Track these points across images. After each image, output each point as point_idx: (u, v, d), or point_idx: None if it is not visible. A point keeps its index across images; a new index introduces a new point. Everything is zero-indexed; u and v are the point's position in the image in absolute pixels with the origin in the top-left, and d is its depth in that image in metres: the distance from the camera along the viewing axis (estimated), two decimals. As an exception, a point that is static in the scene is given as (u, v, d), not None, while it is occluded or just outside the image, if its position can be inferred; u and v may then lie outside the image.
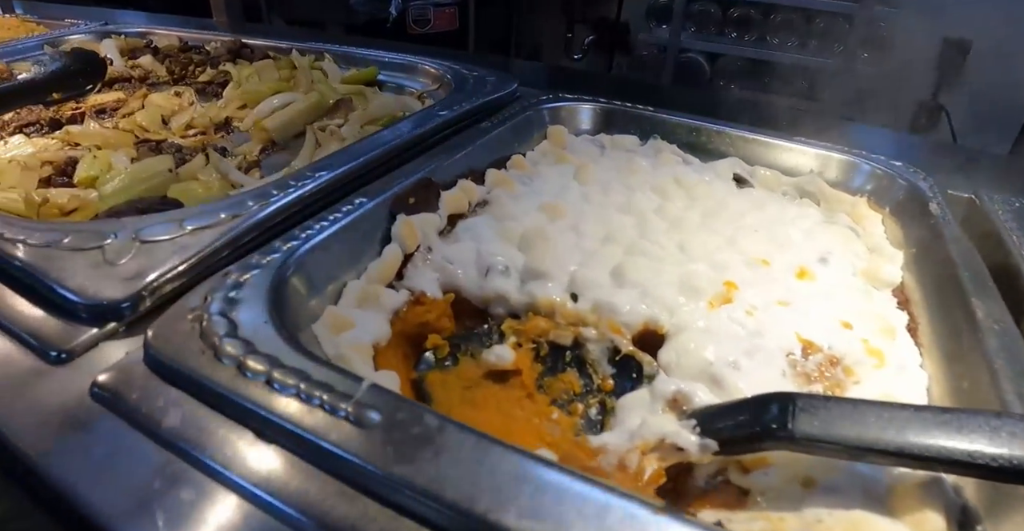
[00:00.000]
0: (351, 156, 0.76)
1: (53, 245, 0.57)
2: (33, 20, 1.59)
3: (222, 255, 0.59)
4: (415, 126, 0.86)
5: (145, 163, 0.78)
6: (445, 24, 3.34)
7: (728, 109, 1.06)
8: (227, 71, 1.20)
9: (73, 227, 0.61)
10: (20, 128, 1.01)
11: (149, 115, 0.97)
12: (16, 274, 0.56)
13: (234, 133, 0.99)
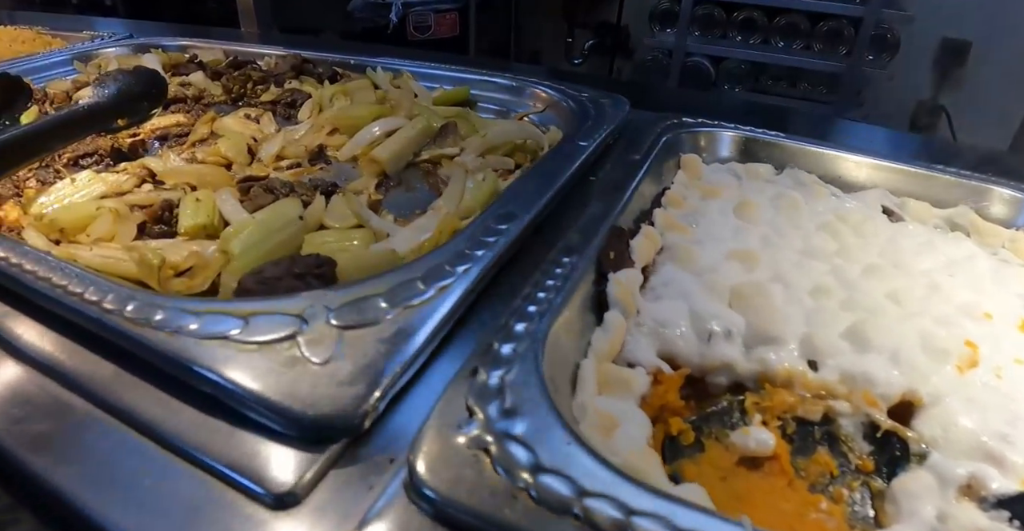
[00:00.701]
0: (526, 200, 0.63)
1: (222, 336, 0.43)
2: (47, 32, 1.40)
3: (439, 339, 0.46)
4: (566, 160, 0.73)
5: (274, 210, 0.63)
6: (446, 30, 3.19)
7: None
8: (296, 90, 1.04)
9: (235, 307, 0.46)
10: (76, 160, 0.84)
11: (234, 144, 0.81)
12: (188, 380, 0.41)
13: (333, 165, 0.84)
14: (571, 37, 3.41)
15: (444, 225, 0.65)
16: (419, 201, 0.76)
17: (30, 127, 0.71)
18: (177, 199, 0.68)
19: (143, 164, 0.78)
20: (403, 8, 3.06)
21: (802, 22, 2.83)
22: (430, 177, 0.82)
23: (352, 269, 0.56)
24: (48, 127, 0.72)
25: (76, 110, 0.77)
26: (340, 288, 0.49)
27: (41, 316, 0.50)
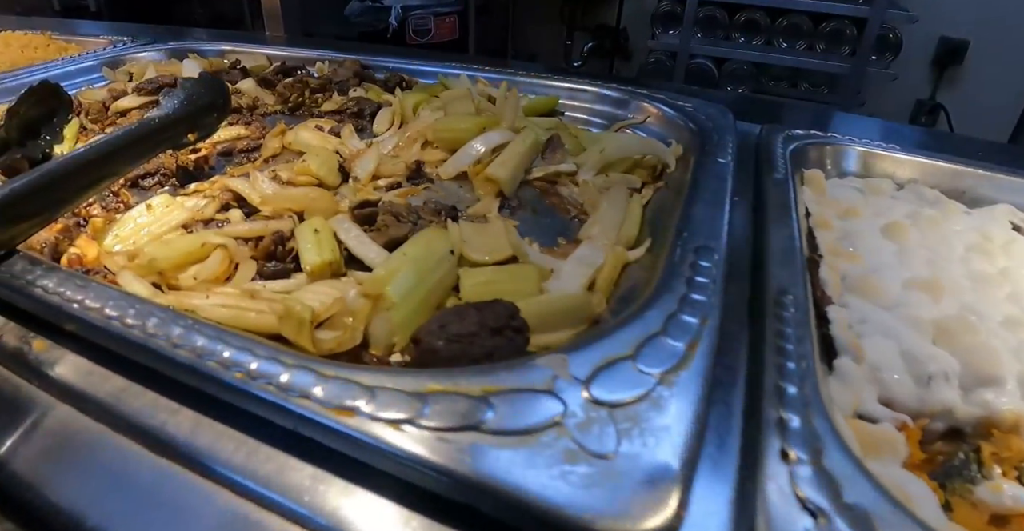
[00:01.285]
0: (706, 227, 0.53)
1: (472, 426, 0.32)
2: (60, 38, 1.25)
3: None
4: (718, 180, 0.63)
5: (425, 244, 0.51)
6: (446, 33, 3.06)
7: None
8: (362, 99, 0.92)
9: (462, 383, 0.35)
10: (135, 181, 0.72)
11: (324, 162, 0.69)
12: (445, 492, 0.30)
13: (437, 184, 0.72)
14: (570, 40, 3.31)
15: (616, 259, 0.54)
16: (554, 226, 0.65)
17: (99, 145, 0.58)
18: (289, 230, 0.56)
19: (225, 185, 0.65)
20: (402, 12, 2.93)
21: (804, 23, 2.78)
22: (550, 197, 0.71)
23: (537, 317, 0.45)
24: (119, 144, 0.59)
25: (147, 124, 0.64)
26: (574, 350, 0.38)
27: (178, 393, 0.39)
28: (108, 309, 0.41)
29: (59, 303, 0.42)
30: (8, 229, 0.49)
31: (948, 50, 2.81)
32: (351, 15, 2.97)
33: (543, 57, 3.53)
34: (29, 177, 0.51)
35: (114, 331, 0.39)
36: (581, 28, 3.32)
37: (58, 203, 0.53)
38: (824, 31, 2.76)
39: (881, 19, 2.51)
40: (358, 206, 0.59)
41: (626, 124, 0.87)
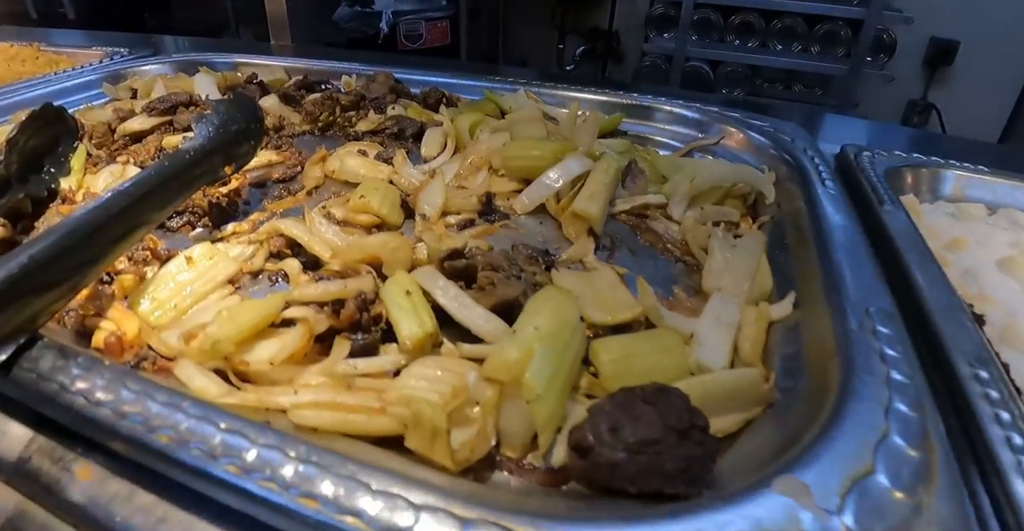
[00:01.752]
0: (861, 280, 0.44)
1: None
2: (49, 50, 1.11)
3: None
4: (842, 215, 0.54)
5: (553, 312, 0.40)
6: (438, 38, 2.95)
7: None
8: (402, 117, 0.81)
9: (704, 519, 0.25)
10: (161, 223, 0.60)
11: (386, 196, 0.58)
12: None
13: (512, 219, 0.62)
14: (562, 43, 3.22)
15: (760, 319, 0.45)
16: (660, 271, 0.55)
17: (129, 188, 0.46)
18: (372, 291, 0.45)
19: (276, 230, 0.54)
20: (393, 17, 2.81)
21: (799, 25, 2.72)
22: (643, 234, 0.61)
23: (701, 402, 0.35)
24: (153, 186, 0.48)
25: (181, 159, 0.52)
26: (796, 464, 0.29)
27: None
28: (184, 426, 0.30)
29: (110, 420, 0.31)
30: (28, 307, 0.37)
31: (939, 50, 2.77)
32: (340, 20, 2.84)
33: (534, 61, 3.43)
34: (50, 239, 0.39)
35: (203, 468, 0.28)
36: (572, 31, 3.22)
37: (86, 266, 0.42)
38: (818, 33, 2.71)
39: (877, 21, 2.46)
40: (448, 257, 0.49)
41: (698, 145, 0.77)
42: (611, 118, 0.80)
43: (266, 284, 0.52)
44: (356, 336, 0.43)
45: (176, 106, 0.79)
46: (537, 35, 3.34)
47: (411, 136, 0.80)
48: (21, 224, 0.58)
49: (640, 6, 3.15)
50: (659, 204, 0.63)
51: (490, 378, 0.38)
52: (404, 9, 2.84)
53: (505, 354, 0.37)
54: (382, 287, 0.45)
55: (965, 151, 0.80)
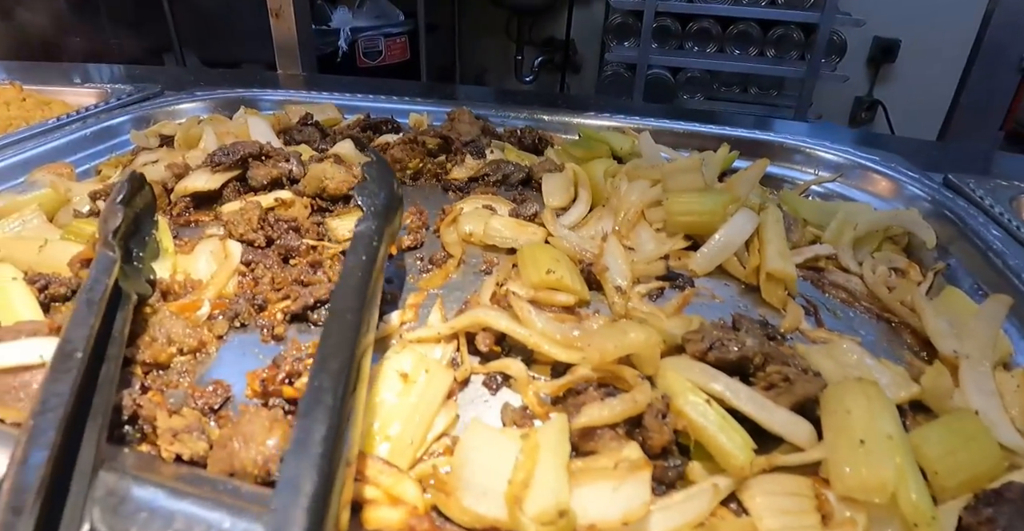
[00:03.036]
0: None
1: None
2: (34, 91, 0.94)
3: None
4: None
5: (863, 406, 0.33)
6: (397, 55, 2.83)
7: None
8: (503, 162, 0.72)
9: None
10: (301, 313, 0.49)
11: (572, 269, 0.49)
12: None
13: (698, 283, 0.54)
14: (520, 55, 3.15)
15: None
16: (876, 335, 0.50)
17: (344, 310, 0.36)
18: (664, 402, 0.36)
19: (479, 323, 0.44)
20: (352, 34, 2.67)
21: (754, 30, 2.76)
22: (829, 289, 0.55)
23: None
24: (370, 293, 0.37)
25: (369, 247, 0.41)
26: None
27: None
28: None
29: None
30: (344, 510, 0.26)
31: (882, 49, 2.88)
32: (294, 39, 2.67)
33: (492, 73, 3.35)
34: (324, 420, 0.28)
35: None
36: (529, 43, 3.16)
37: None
38: (773, 37, 2.76)
39: (830, 24, 2.52)
40: (714, 347, 0.40)
41: (818, 182, 0.72)
42: (728, 156, 0.74)
43: (484, 392, 0.43)
44: (668, 462, 0.35)
45: (245, 158, 0.67)
46: (494, 47, 3.26)
47: (518, 183, 0.71)
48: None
49: (595, 16, 3.13)
50: (829, 255, 0.58)
51: (850, 498, 0.30)
52: (362, 26, 2.71)
53: (874, 472, 0.30)
54: (674, 396, 0.37)
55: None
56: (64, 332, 0.33)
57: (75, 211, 0.62)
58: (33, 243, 0.53)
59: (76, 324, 0.34)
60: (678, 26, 2.82)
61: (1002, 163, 0.96)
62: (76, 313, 0.35)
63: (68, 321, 0.34)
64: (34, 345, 0.38)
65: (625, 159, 0.74)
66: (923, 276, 0.59)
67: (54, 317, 0.45)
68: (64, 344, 0.32)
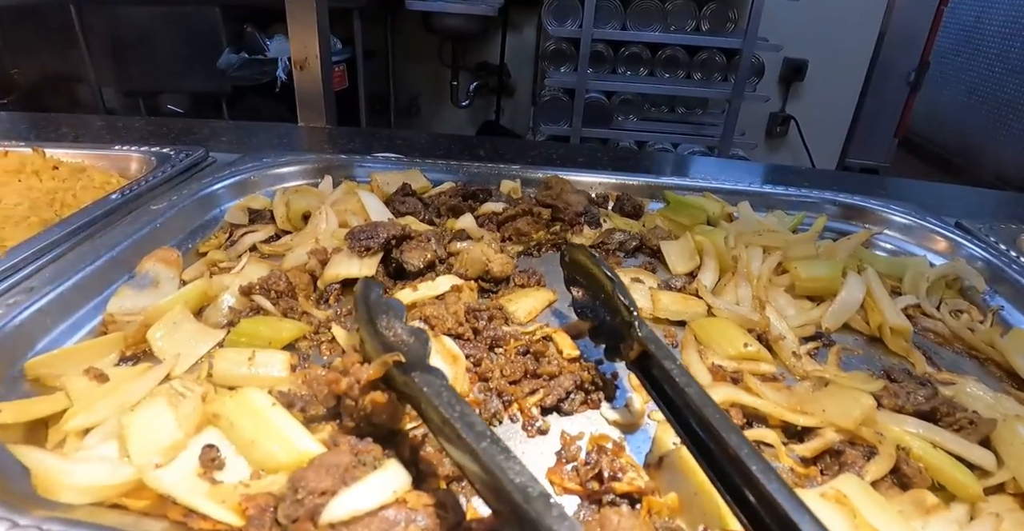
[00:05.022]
0: None
1: None
2: (63, 157, 0.91)
3: None
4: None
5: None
6: (336, 83, 2.81)
7: None
8: (616, 230, 0.80)
9: None
10: (555, 405, 0.55)
11: (753, 340, 0.59)
12: None
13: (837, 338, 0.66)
14: (455, 80, 3.23)
15: None
16: (980, 375, 0.64)
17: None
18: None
19: (732, 400, 0.53)
20: (289, 63, 2.63)
21: (681, 55, 3.00)
22: (925, 334, 0.69)
23: None
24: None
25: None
26: None
27: None
28: None
29: None
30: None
31: (792, 68, 3.22)
32: (227, 67, 2.61)
33: (425, 98, 3.40)
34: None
35: None
36: (463, 67, 3.25)
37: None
38: (699, 61, 3.01)
39: (752, 49, 2.79)
40: (908, 400, 0.52)
41: (869, 235, 0.86)
42: (798, 216, 0.88)
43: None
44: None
45: (390, 240, 0.71)
46: (426, 73, 3.31)
47: (632, 250, 0.80)
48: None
49: (526, 41, 3.26)
50: (914, 304, 0.72)
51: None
52: (299, 55, 2.67)
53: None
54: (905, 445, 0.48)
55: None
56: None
57: (229, 309, 0.64)
58: (239, 355, 0.55)
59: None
60: (611, 51, 3.01)
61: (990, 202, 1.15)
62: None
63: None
64: (382, 480, 0.42)
65: (715, 223, 0.85)
66: (983, 316, 0.74)
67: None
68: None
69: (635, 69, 3.06)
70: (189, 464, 0.43)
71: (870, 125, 3.33)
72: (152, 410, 0.46)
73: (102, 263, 0.65)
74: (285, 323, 0.60)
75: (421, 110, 3.39)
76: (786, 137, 3.38)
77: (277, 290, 0.63)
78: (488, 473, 0.36)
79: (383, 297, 0.52)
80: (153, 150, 0.94)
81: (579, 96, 2.92)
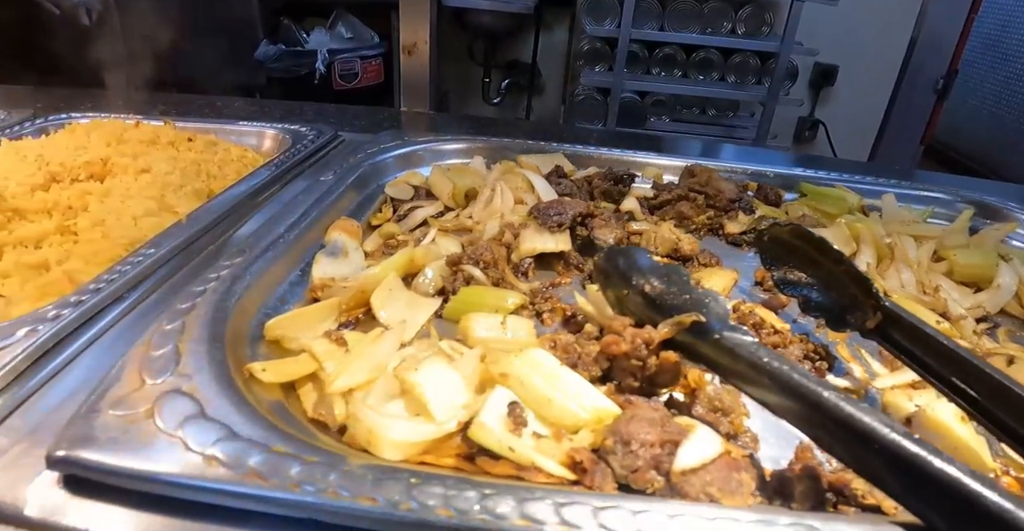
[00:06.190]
0: None
1: None
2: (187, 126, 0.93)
3: None
4: None
5: None
6: (372, 77, 2.83)
7: None
8: (765, 217, 0.83)
9: None
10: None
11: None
12: None
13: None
14: (488, 77, 3.25)
15: None
16: None
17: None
18: None
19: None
20: (329, 56, 2.65)
21: (715, 57, 3.05)
22: None
23: None
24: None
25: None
26: None
27: None
28: None
29: None
30: None
31: (822, 73, 3.29)
32: (265, 59, 2.61)
33: (453, 95, 3.41)
34: None
35: None
36: (494, 65, 3.27)
37: None
38: (733, 63, 3.06)
39: (789, 53, 2.85)
40: None
41: (1006, 231, 0.89)
42: (924, 211, 0.92)
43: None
44: None
45: (575, 218, 0.73)
46: (458, 69, 3.33)
47: (753, 238, 0.82)
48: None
49: (557, 40, 3.30)
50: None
51: None
52: (338, 47, 2.69)
53: None
54: None
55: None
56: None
57: (437, 278, 0.65)
58: (490, 320, 0.56)
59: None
60: (646, 52, 3.06)
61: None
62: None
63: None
64: (708, 432, 0.45)
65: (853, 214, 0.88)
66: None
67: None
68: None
69: (669, 70, 3.10)
70: (498, 421, 0.44)
71: (897, 131, 3.40)
72: (436, 370, 0.47)
73: (300, 230, 0.67)
74: (506, 292, 0.62)
75: (450, 107, 3.41)
76: (814, 142, 3.44)
77: (485, 261, 0.64)
78: (838, 420, 0.38)
79: (657, 262, 0.54)
80: (287, 127, 0.95)
81: (615, 96, 2.96)
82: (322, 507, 0.35)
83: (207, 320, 0.50)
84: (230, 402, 0.42)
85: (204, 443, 0.38)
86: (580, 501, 0.36)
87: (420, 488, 0.36)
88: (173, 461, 0.37)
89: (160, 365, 0.45)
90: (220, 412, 0.41)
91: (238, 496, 0.36)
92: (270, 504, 0.35)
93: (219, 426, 0.39)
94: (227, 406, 0.41)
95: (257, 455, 0.37)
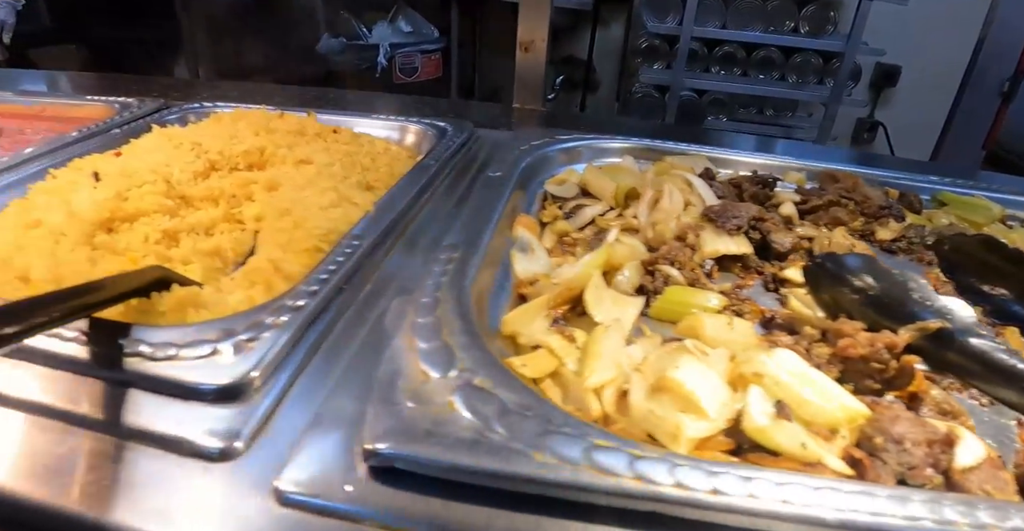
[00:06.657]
0: None
1: None
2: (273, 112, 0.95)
3: None
4: None
5: None
6: (432, 71, 2.87)
7: None
8: (914, 225, 0.83)
9: None
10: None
11: None
12: None
13: None
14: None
15: None
16: None
17: None
18: None
19: None
20: (391, 50, 2.68)
21: (776, 56, 3.04)
22: None
23: None
24: None
25: None
26: None
27: None
28: None
29: None
30: None
31: (884, 74, 3.26)
32: (328, 53, 2.65)
33: (505, 91, 3.43)
34: None
35: None
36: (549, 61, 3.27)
37: None
38: (794, 63, 3.05)
39: (855, 53, 2.84)
40: None
41: None
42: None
43: None
44: None
45: (749, 221, 0.74)
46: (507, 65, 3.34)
47: (932, 245, 0.83)
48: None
49: (612, 36, 3.30)
50: None
51: None
52: (399, 42, 2.72)
53: None
54: None
55: None
56: None
57: (634, 277, 0.67)
58: (718, 321, 0.58)
59: None
60: (705, 50, 3.05)
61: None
62: None
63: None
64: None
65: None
66: None
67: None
68: None
69: (728, 69, 3.09)
70: (768, 419, 0.46)
71: (960, 134, 3.37)
72: (695, 369, 0.49)
73: (493, 225, 0.69)
74: (709, 294, 0.63)
75: (502, 102, 3.43)
76: (872, 144, 3.42)
77: (679, 261, 0.66)
78: None
79: (890, 268, 0.56)
80: (435, 123, 0.97)
81: (674, 94, 2.97)
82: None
83: (458, 314, 0.52)
84: (521, 397, 0.44)
85: (526, 436, 0.40)
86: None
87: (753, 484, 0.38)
88: (508, 457, 0.38)
89: (438, 359, 0.47)
90: (521, 406, 0.42)
91: (616, 494, 0.37)
92: (638, 500, 0.37)
93: (537, 420, 0.41)
94: (524, 401, 0.43)
95: (584, 450, 0.39)
